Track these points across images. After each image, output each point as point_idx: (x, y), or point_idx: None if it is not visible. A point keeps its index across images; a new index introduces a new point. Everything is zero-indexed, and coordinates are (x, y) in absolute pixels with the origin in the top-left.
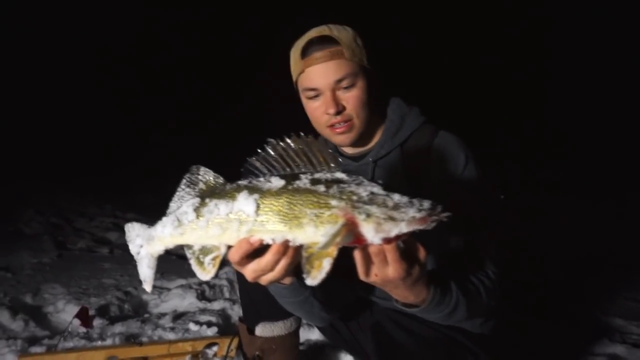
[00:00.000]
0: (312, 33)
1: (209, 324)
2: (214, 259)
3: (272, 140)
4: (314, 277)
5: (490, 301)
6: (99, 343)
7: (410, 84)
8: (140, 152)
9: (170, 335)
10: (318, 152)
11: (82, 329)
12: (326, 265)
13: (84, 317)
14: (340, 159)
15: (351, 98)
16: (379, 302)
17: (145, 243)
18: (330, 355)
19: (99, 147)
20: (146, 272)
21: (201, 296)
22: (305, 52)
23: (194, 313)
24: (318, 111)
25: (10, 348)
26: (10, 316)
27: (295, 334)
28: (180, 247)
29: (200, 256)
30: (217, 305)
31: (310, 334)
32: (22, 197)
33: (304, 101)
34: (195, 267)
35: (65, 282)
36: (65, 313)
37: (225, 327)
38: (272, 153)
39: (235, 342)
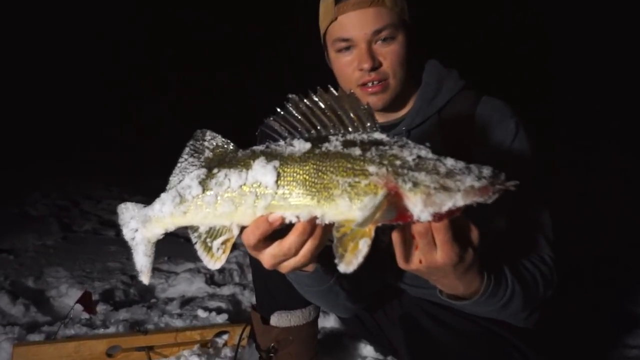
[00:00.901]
0: None
1: (219, 311)
2: (224, 242)
3: (293, 96)
4: (349, 263)
5: (547, 290)
6: (102, 331)
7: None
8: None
9: (178, 322)
10: (351, 109)
11: (85, 315)
12: (363, 247)
13: (87, 302)
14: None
15: (389, 53)
16: (409, 289)
17: (141, 226)
18: (349, 345)
19: (109, 130)
20: (142, 260)
21: (210, 281)
22: None
23: (202, 299)
24: (349, 67)
25: (7, 335)
26: (10, 301)
27: (313, 323)
28: (185, 229)
29: (208, 240)
30: (226, 290)
31: (326, 322)
32: (28, 179)
33: (333, 56)
34: (201, 253)
35: (69, 266)
36: (68, 297)
37: (236, 314)
38: (294, 112)
39: (248, 330)
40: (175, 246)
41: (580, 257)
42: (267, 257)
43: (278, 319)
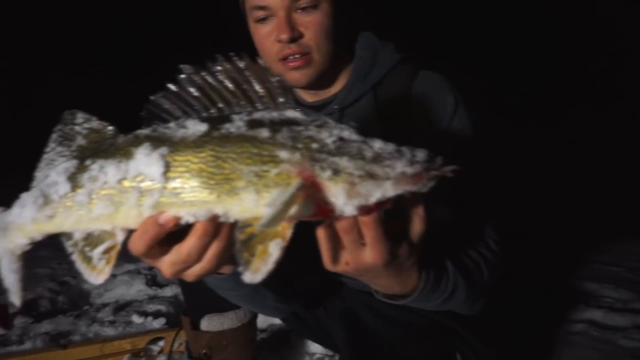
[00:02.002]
0: None
1: (157, 315)
2: (107, 251)
3: (186, 66)
4: (256, 270)
5: (492, 278)
6: (15, 348)
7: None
8: None
9: (109, 331)
10: (258, 80)
11: (0, 331)
12: (274, 251)
13: (1, 316)
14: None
15: (311, 23)
16: (350, 282)
17: (0, 235)
18: (297, 343)
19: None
20: (9, 277)
21: (152, 282)
22: None
23: (141, 302)
24: (268, 39)
25: None
26: None
27: (250, 324)
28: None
29: (86, 249)
30: (169, 291)
31: (272, 320)
32: None
33: (252, 27)
34: (80, 265)
35: None
36: None
37: (177, 317)
38: (189, 86)
39: (183, 335)
40: None
41: (524, 235)
42: (166, 265)
43: (209, 323)
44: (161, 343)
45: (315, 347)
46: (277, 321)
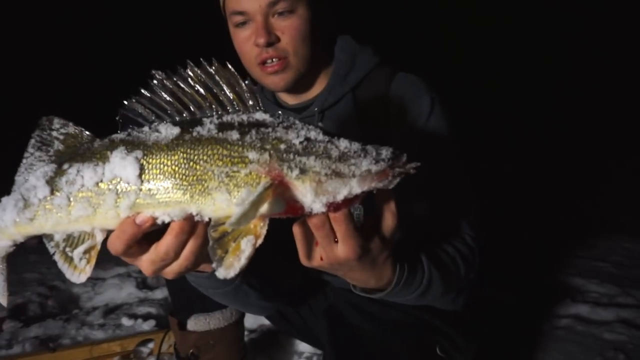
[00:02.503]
0: None
1: (147, 317)
2: (87, 251)
3: (158, 72)
4: (229, 266)
5: (468, 272)
6: (3, 352)
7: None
8: None
9: (98, 334)
10: (228, 85)
11: None
12: (246, 248)
13: None
14: (279, 112)
15: (288, 28)
16: (333, 280)
17: None
18: (285, 343)
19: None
20: None
21: (142, 284)
22: None
23: (131, 305)
24: (247, 43)
25: None
26: None
27: (237, 324)
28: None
29: (67, 250)
30: (159, 293)
31: (263, 319)
32: None
33: (232, 31)
34: (62, 265)
35: None
36: None
37: (167, 319)
38: (161, 91)
39: (171, 337)
40: (103, 249)
41: (511, 231)
42: (145, 263)
43: (195, 323)
44: (150, 345)
45: (303, 347)
46: (266, 322)
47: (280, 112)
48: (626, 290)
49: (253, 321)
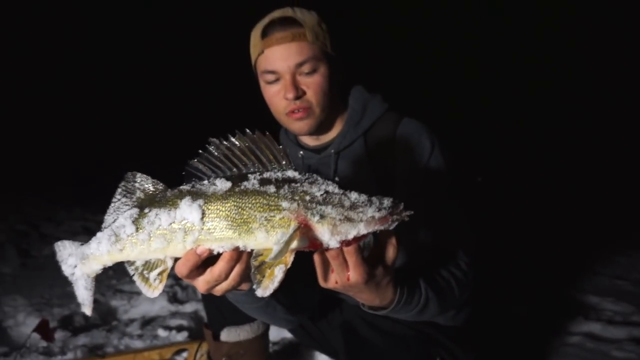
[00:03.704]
0: (276, 14)
1: (180, 329)
2: (160, 273)
3: (214, 139)
4: (266, 287)
5: (462, 293)
6: (59, 358)
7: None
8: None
9: (138, 344)
10: (266, 148)
11: (43, 343)
12: (279, 273)
13: (43, 330)
14: (301, 152)
15: (312, 84)
16: (347, 298)
17: (80, 263)
18: (305, 354)
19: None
20: (84, 294)
21: (173, 299)
22: (266, 32)
23: (164, 318)
24: (277, 97)
25: None
26: None
27: (263, 336)
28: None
29: (145, 272)
30: (189, 307)
31: (285, 333)
32: None
33: (263, 86)
34: (140, 284)
35: (27, 293)
36: (26, 326)
37: (197, 331)
38: (216, 153)
39: (205, 347)
40: None
41: (524, 246)
42: (201, 283)
43: (228, 335)
44: (185, 354)
45: (322, 358)
46: (288, 335)
47: (302, 153)
48: None
49: (277, 334)
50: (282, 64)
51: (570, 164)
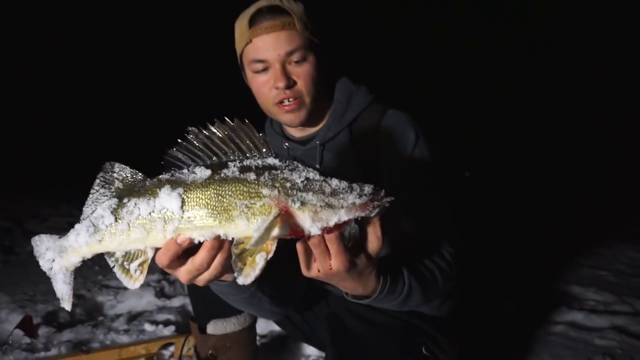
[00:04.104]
0: (263, 2)
1: (167, 323)
2: (141, 264)
3: (193, 128)
4: (247, 275)
5: (446, 284)
6: (42, 354)
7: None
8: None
9: (124, 339)
10: (246, 136)
11: (26, 340)
12: (260, 261)
13: (27, 326)
14: (287, 144)
15: (302, 73)
16: (334, 290)
17: (58, 256)
18: (293, 347)
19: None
20: (62, 288)
21: (160, 293)
22: (253, 21)
23: (151, 312)
24: (266, 86)
25: None
26: None
27: (250, 329)
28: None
29: (125, 263)
30: (176, 302)
31: (273, 326)
32: None
33: (250, 76)
34: (120, 275)
35: (10, 290)
36: (9, 323)
37: (185, 325)
38: (195, 142)
39: (192, 340)
40: None
41: (509, 238)
42: (183, 273)
43: (214, 327)
44: (172, 348)
45: (310, 350)
46: (275, 327)
47: (287, 144)
48: (623, 299)
49: (264, 326)
50: (271, 53)
51: (556, 159)
